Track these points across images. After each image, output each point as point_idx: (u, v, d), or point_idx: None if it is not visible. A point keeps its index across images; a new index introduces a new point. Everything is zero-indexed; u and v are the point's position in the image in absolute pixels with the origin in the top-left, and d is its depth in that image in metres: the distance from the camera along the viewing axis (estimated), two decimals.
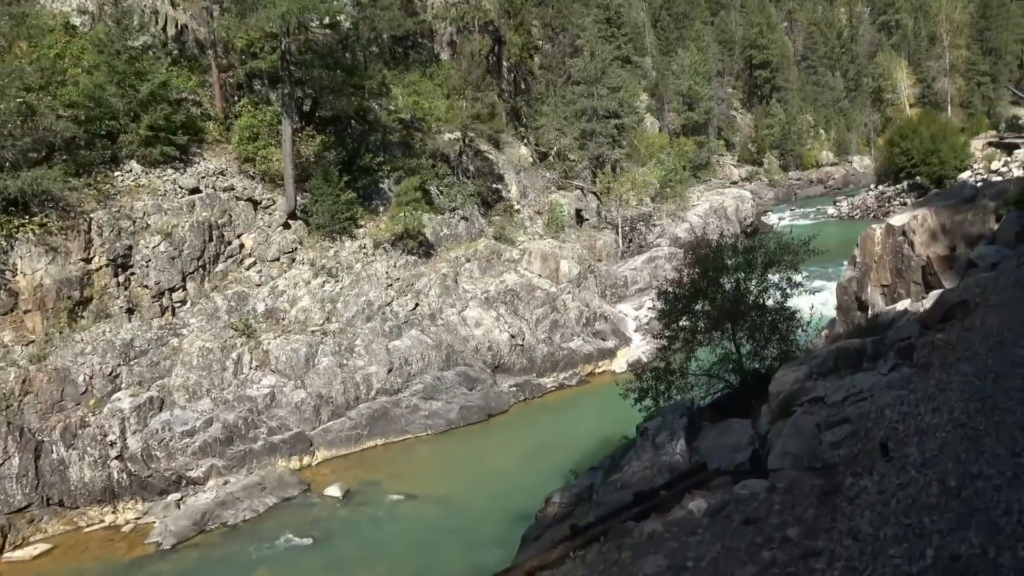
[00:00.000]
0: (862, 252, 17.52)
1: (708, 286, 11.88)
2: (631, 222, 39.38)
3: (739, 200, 47.74)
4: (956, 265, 16.12)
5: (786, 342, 11.74)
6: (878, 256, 17.16)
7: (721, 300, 11.81)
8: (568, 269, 27.39)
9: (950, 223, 16.83)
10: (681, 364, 11.90)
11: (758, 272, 12.34)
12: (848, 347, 8.31)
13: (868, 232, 17.42)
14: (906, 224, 16.70)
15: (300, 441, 19.67)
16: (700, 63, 76.97)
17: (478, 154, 31.51)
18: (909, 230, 16.62)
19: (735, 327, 11.75)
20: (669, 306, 12.48)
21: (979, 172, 48.92)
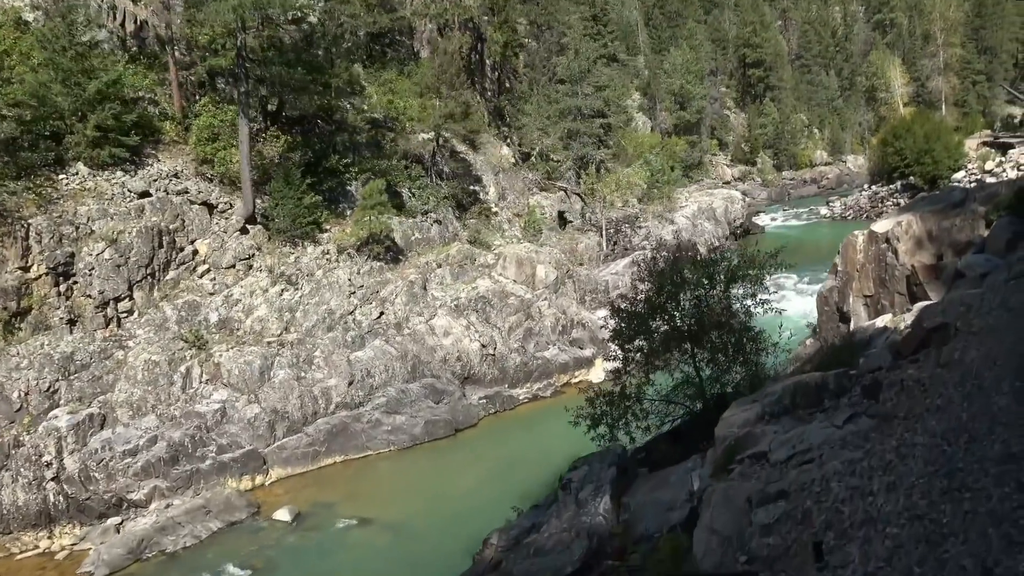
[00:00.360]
0: (843, 260, 16.39)
1: (666, 302, 10.77)
2: (616, 224, 38.24)
3: (728, 201, 46.63)
4: (943, 275, 14.99)
5: (752, 365, 10.58)
6: (860, 265, 16.03)
7: (680, 318, 10.70)
8: (545, 274, 26.25)
9: (937, 230, 15.69)
10: (638, 388, 10.75)
11: (720, 287, 11.24)
12: (807, 382, 7.18)
13: (849, 239, 16.29)
14: (890, 231, 15.56)
15: (252, 459, 18.52)
16: (692, 62, 75.76)
17: (454, 155, 30.34)
18: (893, 237, 15.48)
19: (695, 348, 10.63)
20: (623, 324, 11.35)
21: (973, 172, 47.83)
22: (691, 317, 10.69)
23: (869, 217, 55.73)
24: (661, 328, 10.78)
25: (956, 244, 15.39)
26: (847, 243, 16.40)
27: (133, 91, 23.63)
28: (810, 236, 52.26)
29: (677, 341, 10.60)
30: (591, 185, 36.01)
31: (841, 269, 16.39)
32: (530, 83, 39.10)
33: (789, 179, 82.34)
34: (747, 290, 11.65)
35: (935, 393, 5.46)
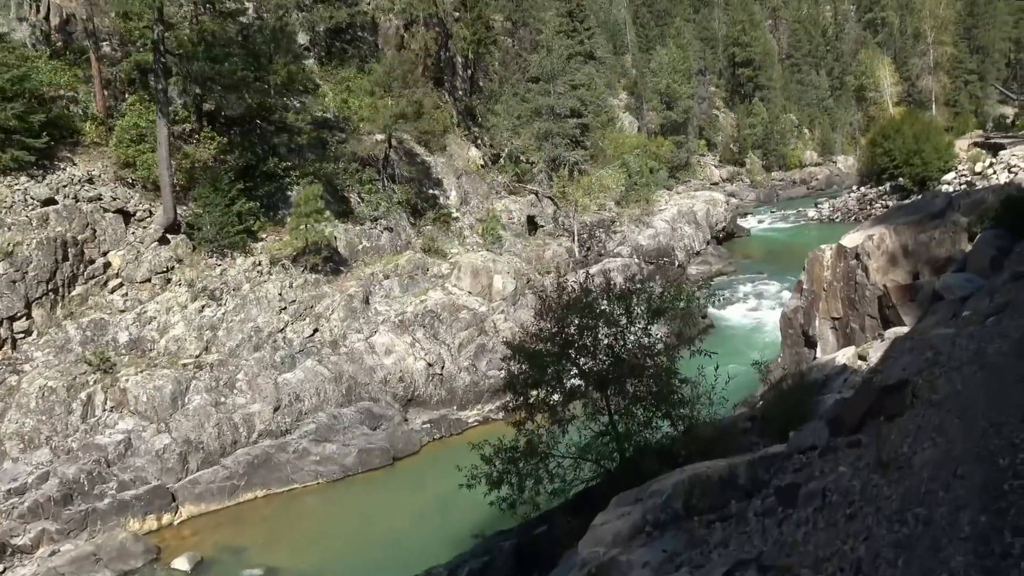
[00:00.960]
0: (809, 278, 14.49)
1: (577, 341, 8.90)
2: (590, 228, 36.34)
3: (710, 204, 44.74)
4: (919, 296, 13.11)
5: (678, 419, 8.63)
6: (827, 283, 14.12)
7: (591, 361, 8.84)
8: (502, 285, 24.34)
9: (913, 244, 13.79)
10: (546, 443, 8.86)
11: (640, 324, 9.36)
12: (709, 476, 5.28)
13: (815, 254, 14.38)
14: (860, 246, 13.65)
15: (159, 496, 16.60)
16: (679, 61, 73.87)
17: (412, 157, 28.39)
18: (863, 253, 13.58)
19: (608, 396, 8.75)
20: (524, 365, 9.47)
21: (963, 173, 46.02)
22: (605, 360, 8.82)
23: (857, 220, 53.86)
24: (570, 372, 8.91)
25: (934, 261, 13.50)
26: (813, 258, 14.50)
27: (53, 89, 21.71)
28: (796, 239, 50.33)
29: (588, 389, 8.74)
30: (562, 188, 34.10)
31: (807, 287, 14.49)
32: (500, 81, 37.14)
33: (778, 180, 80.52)
34: (674, 327, 9.76)
35: (862, 525, 3.63)
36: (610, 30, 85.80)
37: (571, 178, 35.74)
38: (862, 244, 13.39)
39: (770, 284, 35.63)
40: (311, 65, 30.43)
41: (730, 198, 73.89)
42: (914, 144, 50.57)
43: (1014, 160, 37.21)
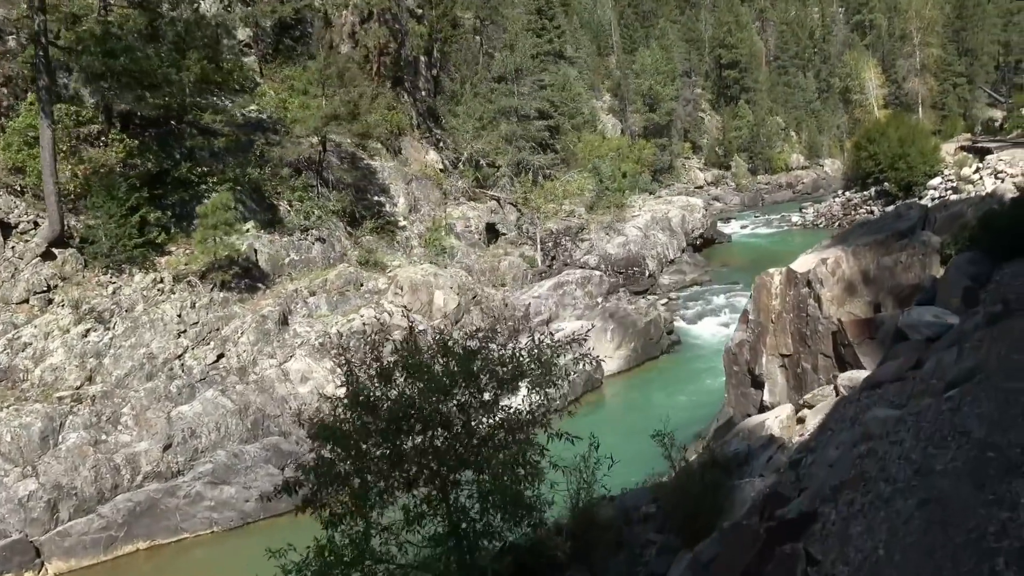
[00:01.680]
0: (756, 307, 12.29)
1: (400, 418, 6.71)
2: (555, 237, 34.19)
3: (687, 210, 42.57)
4: (879, 333, 10.96)
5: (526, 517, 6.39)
6: (776, 314, 11.93)
7: (426, 440, 6.68)
8: (444, 302, 22.12)
9: (876, 269, 11.61)
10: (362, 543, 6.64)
11: (489, 392, 7.23)
12: None
13: (763, 279, 12.18)
14: (812, 271, 11.47)
15: (20, 552, 14.35)
16: (662, 62, 71.86)
17: (355, 161, 26.16)
18: (816, 280, 11.39)
19: (447, 487, 6.56)
20: (331, 444, 7.28)
21: (950, 179, 44.05)
22: (443, 437, 6.68)
23: (841, 225, 51.81)
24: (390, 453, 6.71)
25: (899, 289, 11.32)
26: (760, 284, 12.29)
27: None
28: (778, 246, 48.21)
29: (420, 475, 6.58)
30: (523, 194, 31.92)
31: (753, 318, 12.29)
32: (462, 81, 34.92)
33: (764, 184, 78.52)
34: (531, 396, 7.58)
35: None
36: (594, 31, 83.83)
37: (535, 183, 33.60)
38: (814, 270, 11.21)
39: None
40: (252, 62, 28.20)
41: (710, 203, 72.05)
42: (899, 148, 48.58)
43: (1001, 165, 35.19)
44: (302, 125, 21.79)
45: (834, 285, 11.03)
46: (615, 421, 20.58)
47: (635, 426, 14.21)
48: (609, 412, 21.45)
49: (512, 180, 34.12)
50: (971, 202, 16.17)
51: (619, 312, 24.91)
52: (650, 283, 34.86)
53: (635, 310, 25.89)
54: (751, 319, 12.15)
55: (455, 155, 33.46)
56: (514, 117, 34.09)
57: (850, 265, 11.24)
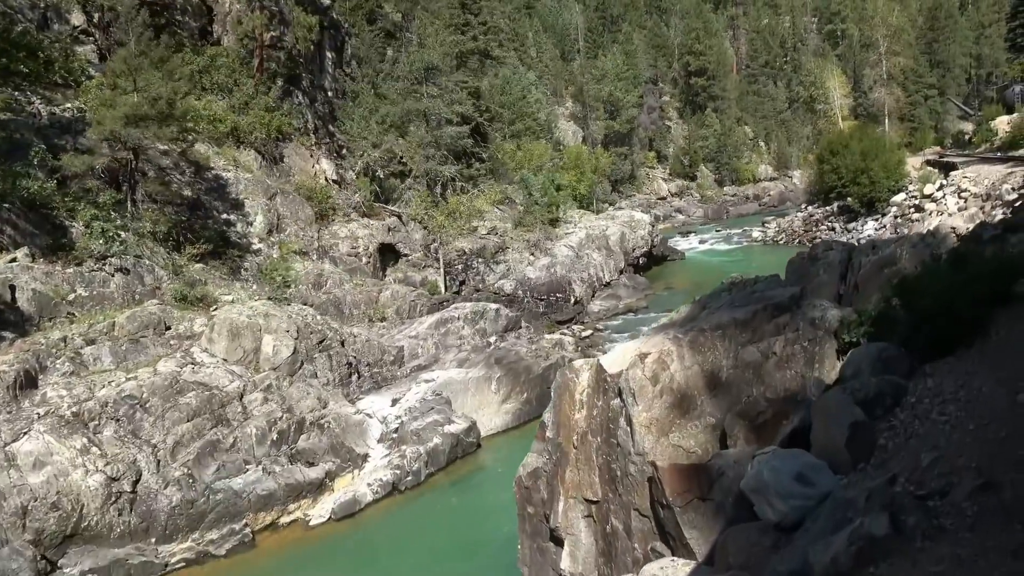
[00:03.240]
0: (555, 419, 7.81)
1: None
2: (467, 258, 29.72)
3: (629, 226, 38.23)
4: (714, 492, 6.55)
5: None
6: (581, 435, 7.41)
7: None
8: (273, 350, 17.51)
9: (731, 367, 7.15)
10: None
11: None
12: None
13: (566, 379, 7.58)
14: (626, 373, 6.98)
15: None
16: (622, 68, 67.85)
17: (198, 172, 21.49)
18: (628, 389, 6.91)
19: None
20: None
21: (913, 195, 40.16)
22: None
23: (802, 243, 47.83)
24: None
25: (763, 407, 6.87)
26: (562, 385, 7.72)
27: None
28: (733, 265, 43.90)
29: None
30: (425, 211, 27.39)
31: (551, 436, 7.78)
32: (365, 81, 30.32)
33: (730, 195, 74.72)
34: None
35: None
36: (558, 34, 79.69)
37: (444, 197, 29.09)
38: (627, 372, 6.73)
39: None
40: (88, 52, 23.43)
41: (672, 215, 68.03)
42: (861, 162, 44.73)
43: (965, 183, 31.22)
44: (98, 128, 17.13)
45: (655, 400, 6.57)
46: (481, 503, 16.09)
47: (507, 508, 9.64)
48: (476, 489, 16.91)
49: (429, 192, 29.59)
50: (909, 242, 11.87)
51: (509, 356, 20.43)
52: (576, 311, 30.48)
53: (534, 352, 21.44)
54: (549, 435, 7.66)
55: (362, 165, 28.86)
56: (423, 122, 29.57)
57: (686, 364, 6.79)
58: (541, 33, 77.04)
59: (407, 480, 16.49)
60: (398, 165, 28.61)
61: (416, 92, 28.42)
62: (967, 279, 7.12)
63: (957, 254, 8.29)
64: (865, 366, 6.90)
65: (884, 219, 41.79)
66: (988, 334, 6.75)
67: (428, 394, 18.41)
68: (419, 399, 18.32)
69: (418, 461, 16.85)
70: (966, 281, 7.07)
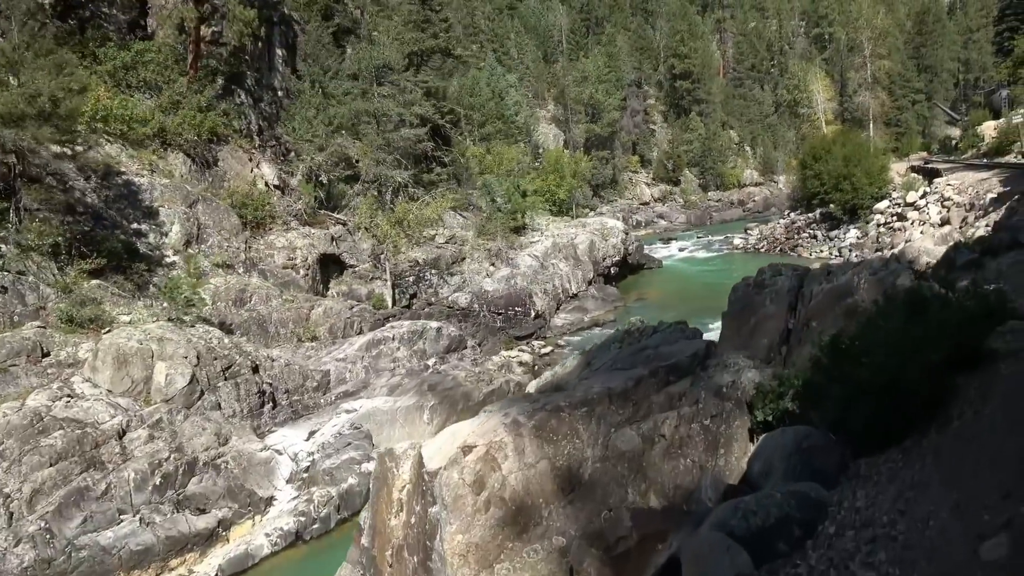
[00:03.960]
0: (371, 521, 5.79)
1: None
2: (419, 270, 27.69)
3: (600, 234, 36.28)
4: None
5: None
6: (396, 548, 5.43)
7: None
8: (167, 379, 15.46)
9: (595, 462, 5.16)
10: None
11: None
12: None
13: (384, 468, 5.51)
14: (440, 476, 4.98)
15: None
16: (604, 70, 66.06)
17: (105, 177, 19.40)
18: (442, 499, 4.91)
19: None
20: None
21: (897, 202, 38.52)
22: None
23: (783, 251, 46.11)
24: None
25: (612, 540, 4.87)
26: (380, 477, 5.63)
27: None
28: (711, 275, 42.12)
29: None
30: (371, 218, 25.38)
31: (366, 543, 5.76)
32: (311, 80, 28.25)
33: (714, 201, 72.99)
34: None
35: None
36: (540, 36, 77.79)
37: (395, 204, 27.08)
38: (443, 474, 4.71)
39: None
40: None
41: (653, 221, 66.24)
42: (844, 167, 43.05)
43: (948, 191, 29.48)
44: None
45: (477, 515, 4.54)
46: None
47: None
48: None
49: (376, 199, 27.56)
50: (869, 267, 9.95)
51: (445, 382, 18.41)
52: (537, 325, 28.49)
53: (476, 376, 19.43)
54: (364, 545, 5.64)
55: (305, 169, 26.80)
56: (374, 124, 27.56)
57: (527, 461, 4.77)
58: (523, 34, 75.18)
59: (313, 528, 14.46)
60: (345, 169, 26.58)
61: (366, 92, 26.39)
62: (924, 335, 5.15)
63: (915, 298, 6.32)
64: (778, 462, 4.97)
65: (867, 227, 40.11)
66: (950, 415, 4.79)
67: (346, 427, 16.37)
68: (335, 433, 16.28)
69: (328, 505, 14.81)
70: (922, 339, 5.11)
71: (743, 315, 10.54)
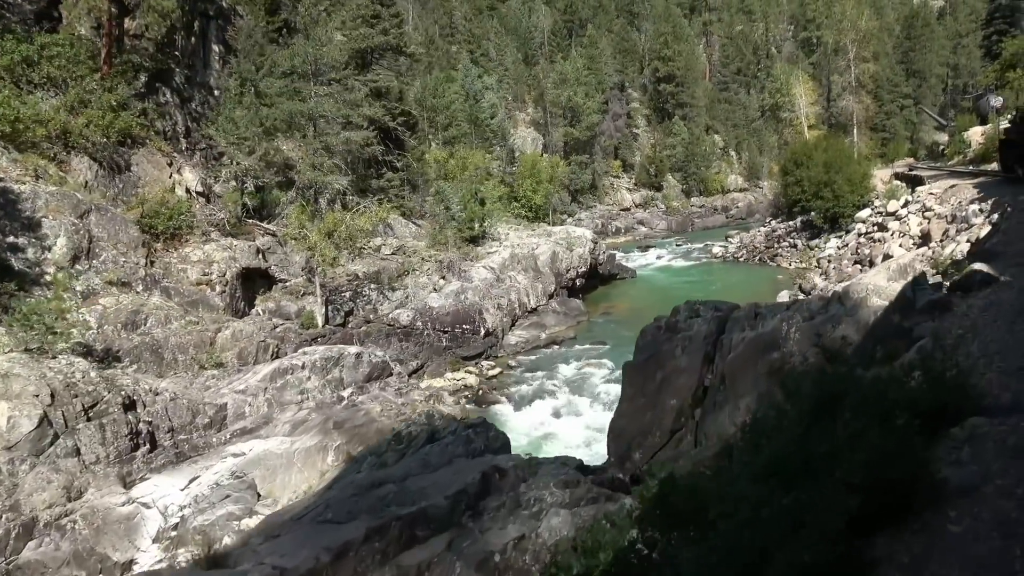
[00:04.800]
0: None
1: None
2: (356, 285, 25.43)
3: (564, 244, 34.08)
4: None
5: None
6: None
7: None
8: (9, 422, 13.15)
9: None
10: None
11: None
12: None
13: None
14: None
15: None
16: (582, 72, 64.00)
17: None
18: None
19: None
20: None
21: (879, 211, 36.47)
22: None
23: (763, 260, 44.05)
24: None
25: None
26: None
27: None
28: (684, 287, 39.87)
29: None
30: (299, 228, 23.11)
31: None
32: (242, 78, 25.94)
33: (697, 207, 71.03)
34: None
35: None
36: (521, 37, 75.67)
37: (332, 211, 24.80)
38: None
39: (601, 364, 24.93)
40: None
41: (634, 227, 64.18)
42: (824, 174, 40.99)
43: (930, 201, 27.43)
44: None
45: None
46: None
47: None
48: None
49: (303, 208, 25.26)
50: (804, 310, 7.78)
51: (356, 418, 16.16)
52: (488, 344, 26.26)
53: (397, 408, 17.19)
54: None
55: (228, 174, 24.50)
56: (310, 126, 25.31)
57: None
58: (504, 35, 73.10)
59: None
60: (277, 175, 24.29)
61: (298, 91, 24.15)
62: (831, 460, 2.98)
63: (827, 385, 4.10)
64: None
65: (847, 236, 38.07)
66: None
67: (226, 475, 14.07)
68: (214, 482, 13.98)
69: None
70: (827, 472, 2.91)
71: (649, 367, 8.37)
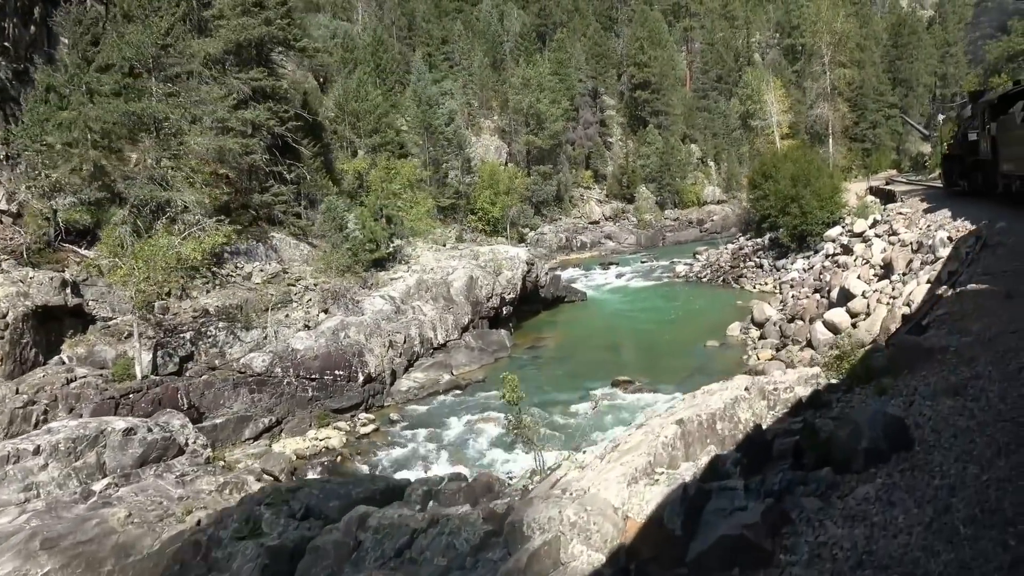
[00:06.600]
0: None
1: None
2: (204, 322, 20.74)
3: (489, 267, 29.34)
4: None
5: None
6: None
7: None
8: None
9: None
10: None
11: None
12: None
13: None
14: None
15: None
16: (547, 77, 59.51)
17: None
18: None
19: None
20: None
21: (849, 229, 31.78)
22: None
23: (726, 281, 39.26)
24: None
25: None
26: None
27: None
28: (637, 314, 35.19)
29: None
30: (111, 256, 18.41)
31: None
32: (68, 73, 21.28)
33: (671, 219, 66.32)
34: None
35: None
36: (490, 41, 71.30)
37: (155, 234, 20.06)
38: None
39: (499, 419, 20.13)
40: None
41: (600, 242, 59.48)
42: (792, 188, 36.39)
43: (898, 223, 22.72)
44: None
45: None
46: None
47: None
48: None
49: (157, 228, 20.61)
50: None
51: (83, 531, 11.44)
52: (371, 391, 21.49)
53: (164, 509, 12.46)
54: None
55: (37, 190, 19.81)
56: (153, 130, 20.69)
57: None
58: (469, 39, 68.69)
59: None
60: (102, 191, 19.64)
61: (128, 88, 19.57)
62: None
63: None
64: None
65: (814, 257, 33.38)
66: None
67: None
68: None
69: None
70: None
71: None
